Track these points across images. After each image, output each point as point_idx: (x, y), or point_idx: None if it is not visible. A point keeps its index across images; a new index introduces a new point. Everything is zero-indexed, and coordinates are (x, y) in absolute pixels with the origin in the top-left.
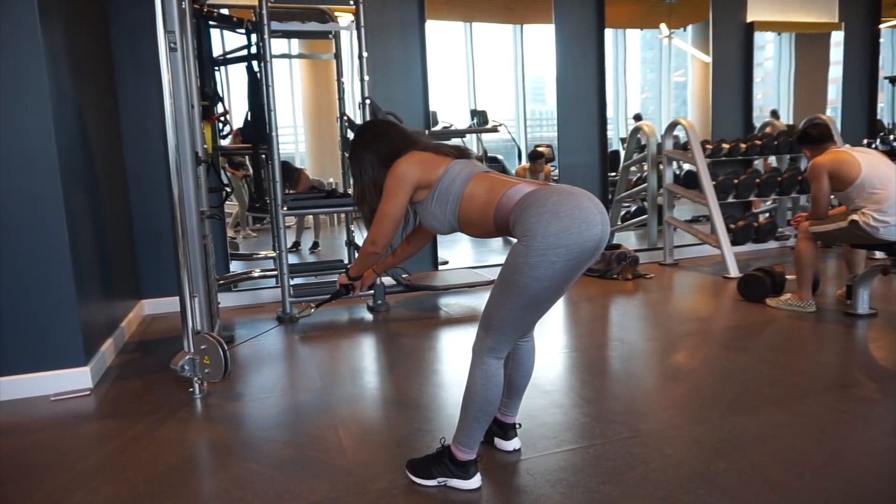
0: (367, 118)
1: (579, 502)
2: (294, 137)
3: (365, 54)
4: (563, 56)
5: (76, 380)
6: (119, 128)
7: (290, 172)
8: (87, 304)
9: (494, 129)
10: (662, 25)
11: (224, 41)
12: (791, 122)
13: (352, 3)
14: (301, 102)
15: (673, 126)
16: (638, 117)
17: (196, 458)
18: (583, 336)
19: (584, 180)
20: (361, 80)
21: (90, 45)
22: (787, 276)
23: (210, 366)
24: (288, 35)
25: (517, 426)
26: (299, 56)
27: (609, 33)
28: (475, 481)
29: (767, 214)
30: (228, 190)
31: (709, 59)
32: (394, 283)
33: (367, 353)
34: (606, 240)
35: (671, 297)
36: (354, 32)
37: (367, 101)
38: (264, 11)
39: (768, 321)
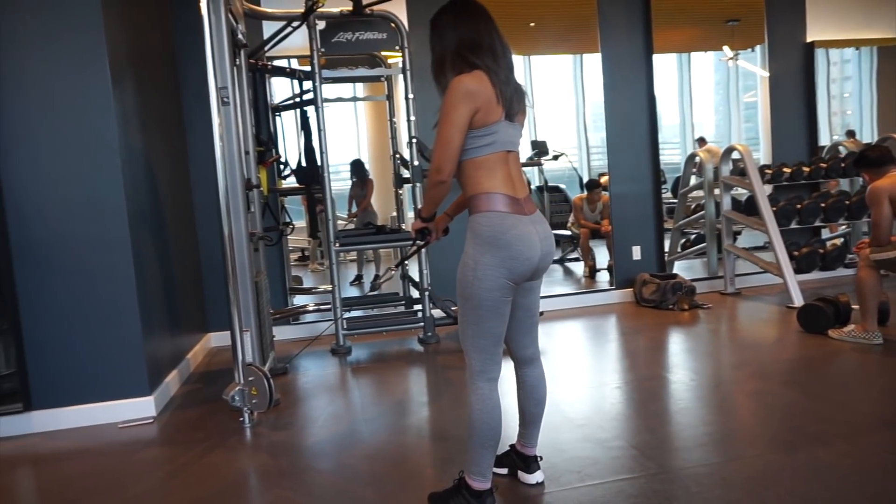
0: (414, 157)
1: None
2: None
3: (411, 96)
4: (611, 84)
5: (141, 408)
6: (188, 175)
7: (363, 174)
8: (152, 339)
9: (539, 164)
10: (725, 48)
11: (293, 86)
12: (871, 142)
13: (397, 48)
14: (366, 141)
15: (730, 151)
16: (702, 141)
17: (237, 484)
18: (627, 369)
19: (637, 209)
20: (408, 120)
21: (161, 102)
22: (853, 307)
23: (257, 396)
24: (339, 81)
25: (539, 459)
26: (353, 99)
27: (672, 58)
28: None
29: (842, 240)
30: (290, 227)
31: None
32: (443, 315)
33: (412, 385)
34: (546, 264)
35: (726, 328)
36: (400, 76)
37: (415, 140)
38: (315, 61)
39: (828, 354)
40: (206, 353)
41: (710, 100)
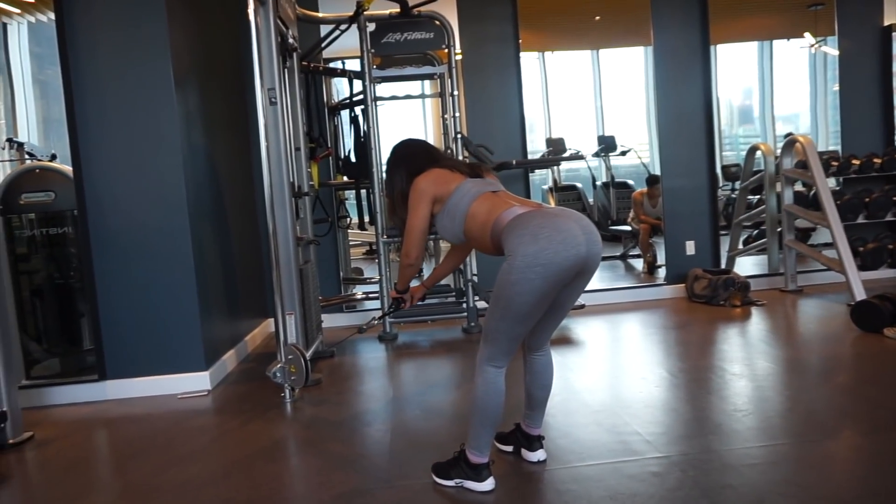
0: (460, 152)
1: None
2: None
3: (455, 93)
4: (664, 77)
5: (198, 382)
6: (251, 171)
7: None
8: (210, 321)
9: (579, 157)
10: (807, 34)
11: (353, 86)
12: None
13: (444, 46)
14: (432, 138)
15: (791, 143)
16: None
17: (269, 450)
18: (659, 363)
19: (691, 204)
20: (453, 116)
21: (226, 105)
22: None
23: (295, 373)
24: (388, 80)
25: (541, 438)
26: (406, 97)
27: (754, 46)
28: (488, 484)
29: None
30: (348, 221)
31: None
32: (486, 305)
33: (446, 370)
34: (595, 257)
35: (776, 325)
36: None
37: (459, 136)
38: (366, 61)
39: (876, 353)
40: (264, 336)
41: (804, 91)
